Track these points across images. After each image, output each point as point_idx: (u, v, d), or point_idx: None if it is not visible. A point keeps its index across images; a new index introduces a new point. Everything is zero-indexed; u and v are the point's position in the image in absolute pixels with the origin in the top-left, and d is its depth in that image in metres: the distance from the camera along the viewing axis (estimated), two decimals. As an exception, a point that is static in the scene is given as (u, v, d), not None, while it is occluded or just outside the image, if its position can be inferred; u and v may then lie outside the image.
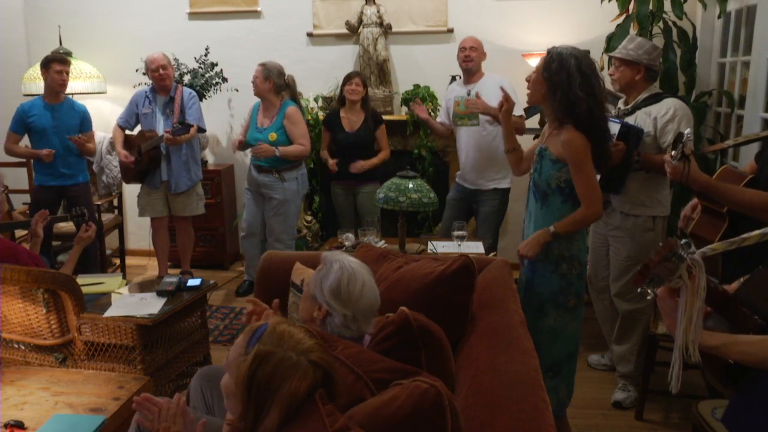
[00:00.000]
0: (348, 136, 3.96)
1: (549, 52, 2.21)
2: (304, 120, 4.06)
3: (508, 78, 3.72)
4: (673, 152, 2.16)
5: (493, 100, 3.60)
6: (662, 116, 2.61)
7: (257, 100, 4.04)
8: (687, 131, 2.15)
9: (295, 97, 4.08)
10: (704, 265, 1.34)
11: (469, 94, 3.73)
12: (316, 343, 1.24)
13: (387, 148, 4.08)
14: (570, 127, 2.17)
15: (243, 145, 4.00)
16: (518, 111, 3.72)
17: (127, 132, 4.15)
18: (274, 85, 3.88)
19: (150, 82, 4.50)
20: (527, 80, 2.37)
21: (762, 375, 1.43)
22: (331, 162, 4.02)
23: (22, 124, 3.90)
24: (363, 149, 3.98)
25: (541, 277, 2.32)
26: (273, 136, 3.87)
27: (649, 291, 1.38)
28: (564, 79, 2.14)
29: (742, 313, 1.43)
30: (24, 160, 4.39)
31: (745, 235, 1.43)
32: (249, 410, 1.17)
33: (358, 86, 3.92)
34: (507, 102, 2.49)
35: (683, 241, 1.35)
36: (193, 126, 3.89)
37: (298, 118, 3.94)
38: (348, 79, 3.97)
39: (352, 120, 3.98)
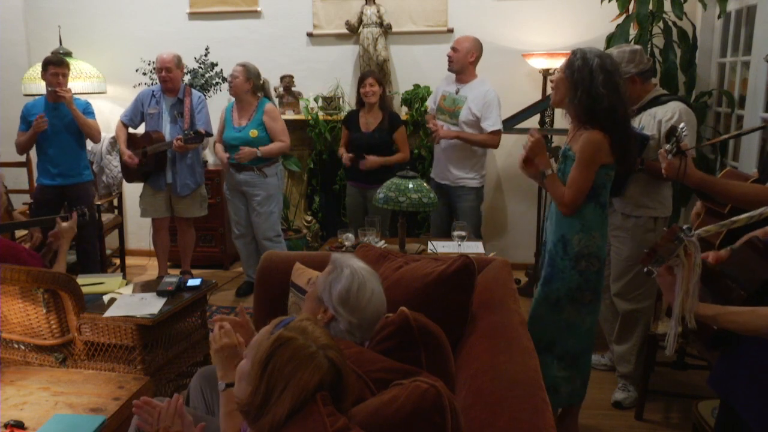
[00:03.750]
0: (362, 137, 3.90)
1: (573, 51, 2.23)
2: (306, 120, 4.06)
3: (494, 90, 3.72)
4: (667, 146, 2.17)
5: (472, 105, 3.70)
6: (667, 120, 2.60)
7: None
8: (681, 125, 2.15)
9: (270, 98, 4.09)
10: (700, 245, 1.48)
11: (457, 93, 3.76)
12: (336, 344, 1.26)
13: (406, 150, 3.95)
14: (592, 128, 2.18)
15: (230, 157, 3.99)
16: (497, 125, 3.70)
17: (131, 130, 4.13)
18: (253, 85, 3.93)
19: (151, 81, 4.52)
20: (551, 81, 2.37)
21: (742, 343, 1.57)
22: (346, 156, 3.95)
23: (25, 121, 3.89)
24: (377, 151, 3.88)
25: (560, 273, 2.32)
26: (254, 132, 3.88)
27: (653, 270, 1.51)
28: (586, 76, 2.14)
29: (726, 285, 1.56)
30: (24, 159, 4.39)
31: (734, 218, 1.56)
32: (259, 391, 1.18)
33: (373, 86, 3.84)
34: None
35: (685, 226, 1.47)
36: (204, 135, 3.89)
37: (278, 115, 3.98)
38: (362, 80, 3.90)
39: (369, 121, 3.93)
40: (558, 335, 2.36)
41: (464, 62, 3.70)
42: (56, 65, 3.79)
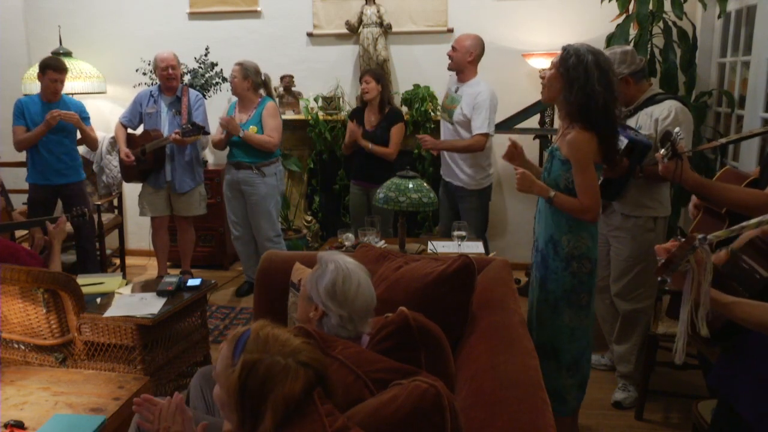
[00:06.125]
0: (365, 134, 3.94)
1: (565, 48, 2.18)
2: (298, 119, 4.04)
3: (492, 88, 3.64)
4: (662, 151, 2.18)
5: (464, 105, 3.64)
6: (663, 119, 2.59)
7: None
8: (676, 130, 2.16)
9: (271, 95, 4.10)
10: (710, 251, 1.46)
11: (456, 92, 3.74)
12: (303, 342, 1.23)
13: (393, 147, 3.91)
14: (578, 127, 2.15)
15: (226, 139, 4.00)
16: (483, 128, 3.56)
17: (130, 131, 4.14)
18: (252, 83, 3.93)
19: (150, 82, 4.52)
20: (542, 77, 2.35)
21: (748, 343, 1.56)
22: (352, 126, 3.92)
23: (21, 115, 3.85)
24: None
25: (553, 274, 2.30)
26: (253, 129, 3.89)
27: (667, 279, 1.48)
28: (581, 73, 2.10)
29: (731, 287, 1.54)
30: (24, 159, 4.38)
31: (744, 223, 1.51)
32: (246, 420, 1.16)
33: (369, 83, 3.88)
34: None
35: (700, 236, 1.44)
36: (202, 128, 3.90)
37: (275, 112, 3.99)
38: (360, 77, 3.96)
39: (371, 118, 3.97)
40: (562, 341, 2.31)
41: (462, 61, 3.66)
42: (56, 71, 3.75)
